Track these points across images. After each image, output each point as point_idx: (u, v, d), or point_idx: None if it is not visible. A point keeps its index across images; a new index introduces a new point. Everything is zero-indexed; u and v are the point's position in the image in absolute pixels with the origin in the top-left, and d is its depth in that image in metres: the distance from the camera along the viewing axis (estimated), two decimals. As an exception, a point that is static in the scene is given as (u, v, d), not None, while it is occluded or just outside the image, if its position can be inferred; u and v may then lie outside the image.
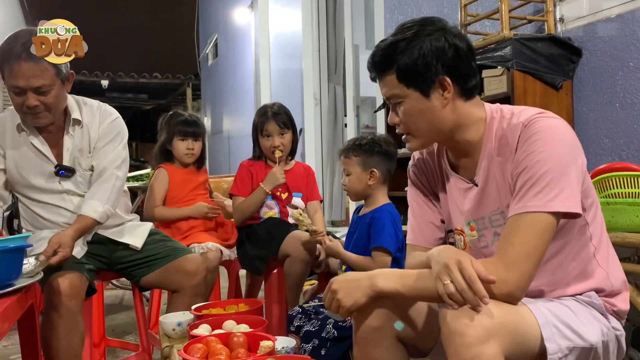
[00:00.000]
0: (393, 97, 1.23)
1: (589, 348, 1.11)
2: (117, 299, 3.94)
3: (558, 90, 2.49)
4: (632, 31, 2.31)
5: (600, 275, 1.22)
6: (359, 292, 1.18)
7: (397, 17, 3.94)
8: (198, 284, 2.02)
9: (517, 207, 1.11)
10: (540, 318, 1.08)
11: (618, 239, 1.70)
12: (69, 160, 1.95)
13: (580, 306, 1.17)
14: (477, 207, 1.25)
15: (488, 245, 1.26)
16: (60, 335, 1.70)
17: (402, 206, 3.30)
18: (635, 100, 2.31)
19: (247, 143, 2.63)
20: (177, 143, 2.65)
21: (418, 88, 1.19)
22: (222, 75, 9.17)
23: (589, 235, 1.21)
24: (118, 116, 2.05)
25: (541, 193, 1.09)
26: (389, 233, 1.91)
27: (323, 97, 5.21)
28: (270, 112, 2.46)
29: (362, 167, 1.98)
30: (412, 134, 1.26)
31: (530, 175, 1.11)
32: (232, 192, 2.50)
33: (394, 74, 1.20)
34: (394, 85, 1.21)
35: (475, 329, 1.00)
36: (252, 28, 6.98)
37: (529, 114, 1.18)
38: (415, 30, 1.19)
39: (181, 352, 1.32)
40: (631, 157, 2.31)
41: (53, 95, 1.79)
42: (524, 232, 1.09)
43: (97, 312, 2.40)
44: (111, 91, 11.12)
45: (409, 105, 1.21)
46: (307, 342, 1.75)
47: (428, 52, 1.17)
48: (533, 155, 1.12)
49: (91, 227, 1.89)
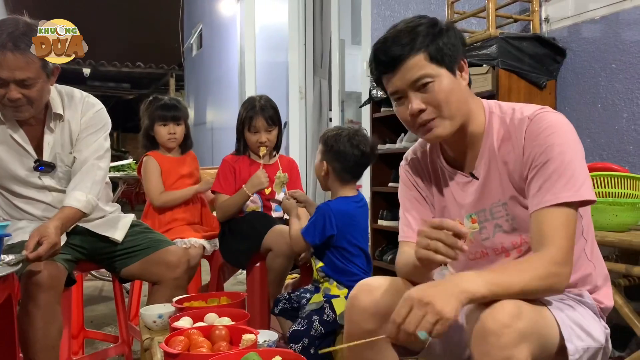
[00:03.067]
0: (422, 78, 1.19)
1: (599, 348, 1.13)
2: (96, 290, 3.90)
3: (542, 89, 2.52)
4: (616, 33, 2.34)
5: (588, 268, 1.24)
6: (454, 300, 1.01)
7: (383, 12, 3.94)
8: (179, 276, 2.01)
9: (546, 200, 1.12)
10: (560, 319, 1.09)
11: (598, 238, 1.71)
12: (50, 155, 1.91)
13: (580, 306, 1.19)
14: (478, 199, 1.26)
15: (489, 237, 1.26)
16: (37, 327, 1.68)
17: (385, 201, 3.33)
18: (616, 101, 2.35)
19: (231, 135, 2.60)
20: (158, 129, 2.62)
21: (449, 67, 1.20)
22: (206, 66, 9.09)
23: (582, 228, 1.23)
24: (101, 107, 2.01)
25: (569, 183, 1.11)
26: (314, 226, 1.96)
27: (308, 91, 5.19)
28: (259, 106, 2.41)
29: (320, 157, 2.01)
30: (442, 116, 1.21)
31: (555, 166, 1.13)
32: (215, 189, 2.46)
33: (425, 54, 1.18)
34: (424, 66, 1.18)
35: (511, 330, 0.99)
36: (237, 19, 6.93)
37: (532, 109, 1.21)
38: (431, 18, 1.22)
39: (162, 345, 1.31)
40: (612, 157, 2.35)
41: (37, 89, 1.74)
42: (562, 224, 1.10)
43: (76, 303, 2.37)
44: (93, 80, 10.95)
45: (442, 84, 1.19)
46: (296, 343, 1.76)
47: (452, 34, 1.21)
48: (552, 147, 1.14)
49: (75, 218, 1.84)
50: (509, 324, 0.99)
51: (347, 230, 1.97)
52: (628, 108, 2.30)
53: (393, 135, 3.23)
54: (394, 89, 1.22)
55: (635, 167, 2.25)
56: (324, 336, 1.74)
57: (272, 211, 2.47)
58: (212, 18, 8.62)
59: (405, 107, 1.22)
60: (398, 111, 1.26)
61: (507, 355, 0.98)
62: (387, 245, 3.26)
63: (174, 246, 2.10)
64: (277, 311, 2.00)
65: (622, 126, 2.33)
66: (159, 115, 2.61)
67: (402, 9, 3.72)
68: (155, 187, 2.59)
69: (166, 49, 10.85)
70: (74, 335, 2.37)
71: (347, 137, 1.95)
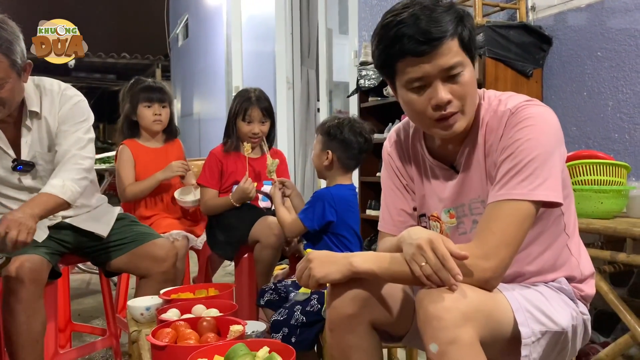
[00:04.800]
0: (455, 67, 1.11)
1: (560, 332, 1.13)
2: (83, 283, 3.87)
3: (528, 78, 2.52)
4: (601, 21, 2.35)
5: (572, 264, 1.24)
6: (334, 267, 1.17)
7: (371, 1, 3.92)
8: (167, 270, 1.98)
9: (499, 194, 1.10)
10: (514, 303, 1.10)
11: (583, 225, 1.74)
12: (28, 154, 1.85)
13: (551, 292, 1.19)
14: (458, 194, 1.24)
15: (466, 232, 1.25)
16: (19, 321, 1.65)
17: (372, 191, 3.34)
18: (602, 89, 2.36)
19: (218, 126, 2.57)
20: (142, 111, 2.49)
21: (473, 57, 1.15)
22: (192, 56, 9.01)
23: (563, 225, 1.22)
24: (80, 99, 1.92)
25: (525, 181, 1.08)
26: (313, 211, 1.98)
27: (296, 81, 5.16)
28: (254, 97, 2.38)
29: (321, 146, 2.01)
30: (463, 111, 1.15)
31: (515, 162, 1.10)
32: (200, 181, 2.43)
33: (459, 40, 1.11)
34: (458, 52, 1.11)
35: (452, 312, 1.00)
36: (224, 9, 6.86)
37: (516, 101, 1.16)
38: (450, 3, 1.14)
39: (149, 337, 1.30)
40: (597, 145, 2.36)
41: (7, 89, 1.67)
42: (504, 220, 1.08)
43: (62, 296, 2.35)
44: (78, 71, 10.81)
45: (468, 75, 1.13)
46: (276, 332, 1.75)
47: (472, 24, 1.15)
48: (519, 142, 1.10)
49: (50, 203, 1.72)
50: (449, 307, 1.00)
51: (346, 216, 2.00)
52: (613, 96, 2.32)
53: (381, 125, 3.23)
54: (420, 75, 1.11)
55: (620, 155, 2.27)
56: (307, 326, 1.73)
57: (259, 201, 2.46)
58: (198, 8, 8.53)
59: (425, 97, 1.13)
60: (414, 101, 1.15)
61: (451, 336, 0.99)
62: (374, 234, 3.27)
63: (162, 239, 2.06)
64: (263, 302, 1.99)
65: (607, 114, 2.34)
66: (144, 96, 2.48)
67: (389, -3, 3.70)
68: (123, 180, 2.47)
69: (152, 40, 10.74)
70: (61, 329, 2.35)
71: (349, 126, 1.98)
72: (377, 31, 1.15)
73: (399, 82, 1.16)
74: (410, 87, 1.14)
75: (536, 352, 1.09)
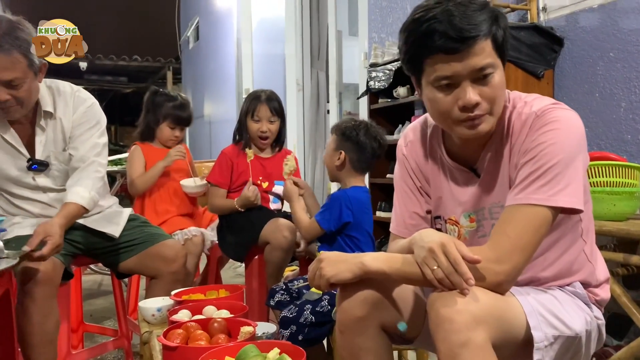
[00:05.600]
0: (487, 67, 1.08)
1: (574, 337, 1.12)
2: (95, 283, 3.90)
3: (540, 79, 2.51)
4: (614, 22, 2.33)
5: (589, 269, 1.23)
6: (345, 266, 1.17)
7: (380, 3, 3.92)
8: (177, 270, 2.00)
9: (518, 197, 1.08)
10: (527, 307, 1.08)
11: (596, 228, 1.71)
12: (43, 154, 1.88)
13: (565, 296, 1.18)
14: (478, 198, 1.21)
15: (486, 235, 1.22)
16: (34, 321, 1.67)
17: (383, 193, 3.33)
18: (614, 90, 2.34)
19: (228, 128, 2.60)
20: (165, 129, 2.62)
21: (504, 60, 1.12)
22: (203, 58, 9.05)
23: (580, 231, 1.21)
24: (93, 102, 1.97)
25: (546, 186, 1.06)
26: (330, 212, 2.00)
27: (306, 83, 5.17)
28: (264, 96, 2.43)
29: (334, 146, 2.03)
30: (492, 113, 1.12)
31: (537, 166, 1.07)
32: (210, 179, 2.47)
33: (492, 40, 1.08)
34: (490, 53, 1.08)
35: (464, 315, 0.99)
36: (234, 11, 6.88)
37: (542, 103, 1.14)
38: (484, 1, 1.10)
39: (160, 338, 1.31)
40: (609, 146, 2.34)
41: (25, 88, 1.71)
42: (521, 224, 1.06)
43: (75, 297, 2.37)
44: (90, 73, 10.89)
45: (500, 77, 1.10)
46: (285, 329, 1.76)
47: (506, 25, 1.12)
48: (542, 145, 1.08)
49: (78, 214, 1.82)
50: (461, 310, 1.00)
51: (361, 218, 2.02)
52: (626, 97, 2.30)
53: (391, 127, 3.23)
54: (450, 74, 1.08)
55: (633, 156, 2.25)
56: (315, 325, 1.73)
57: (269, 203, 2.47)
58: (209, 10, 8.57)
59: (453, 96, 1.10)
60: (440, 100, 1.12)
61: (463, 339, 0.98)
62: (385, 236, 3.26)
63: (171, 240, 2.09)
64: (274, 303, 2.00)
65: (620, 115, 2.32)
66: (171, 118, 2.60)
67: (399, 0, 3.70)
68: (132, 173, 2.59)
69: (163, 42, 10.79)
70: (74, 329, 2.37)
71: (365, 129, 2.01)
72: (407, 25, 1.12)
73: (425, 79, 1.13)
74: (437, 85, 1.11)
75: (549, 356, 1.08)
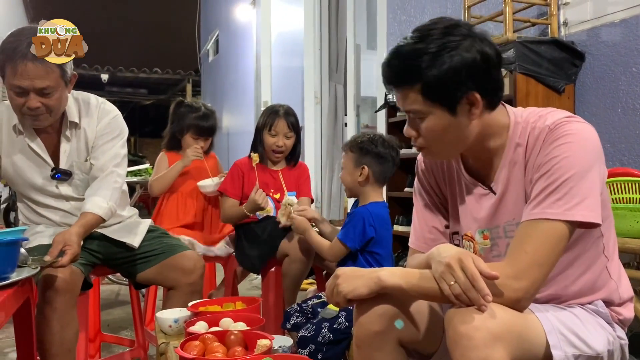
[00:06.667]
0: (414, 112, 1.15)
1: (595, 356, 1.10)
2: (112, 294, 3.92)
3: (560, 94, 2.48)
4: (636, 36, 2.31)
5: (611, 287, 1.21)
6: (361, 282, 1.16)
7: (399, 17, 3.93)
8: (195, 281, 2.00)
9: (534, 212, 1.07)
10: (547, 325, 1.07)
11: (618, 245, 1.70)
12: (66, 163, 1.92)
13: (587, 314, 1.16)
14: (493, 215, 1.21)
15: (500, 255, 1.22)
16: (53, 330, 1.69)
17: (400, 207, 3.31)
18: (637, 105, 2.31)
19: (246, 140, 2.61)
20: (188, 139, 2.67)
21: (445, 105, 1.11)
22: (222, 71, 9.14)
23: (602, 247, 1.19)
24: (117, 114, 2.01)
25: (561, 200, 1.05)
26: (354, 230, 1.98)
27: (324, 96, 5.19)
28: (282, 111, 2.45)
29: (354, 163, 2.02)
30: (432, 150, 1.20)
31: (551, 180, 1.07)
32: (221, 189, 2.49)
33: (419, 89, 1.11)
34: (417, 101, 1.12)
35: (482, 332, 0.98)
36: (253, 25, 6.96)
37: (555, 117, 1.13)
38: (442, 41, 1.08)
39: (178, 349, 1.31)
40: (632, 162, 2.31)
41: (56, 97, 1.75)
42: (538, 239, 1.05)
43: (93, 307, 2.39)
44: (111, 85, 11.09)
45: (432, 122, 1.14)
46: (303, 348, 1.75)
47: (459, 67, 1.08)
48: (556, 159, 1.07)
49: (96, 224, 1.84)
50: (479, 326, 0.99)
51: (382, 234, 2.01)
52: (649, 112, 2.26)
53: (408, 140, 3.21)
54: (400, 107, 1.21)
55: (656, 173, 2.21)
56: (333, 343, 1.72)
57: None
58: (229, 24, 8.68)
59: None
60: None
61: (482, 356, 0.98)
62: (402, 250, 3.23)
63: (190, 251, 2.09)
64: (289, 326, 1.95)
65: (643, 131, 2.29)
66: (195, 129, 2.64)
67: (418, 13, 3.71)
68: (152, 177, 2.66)
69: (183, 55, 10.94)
70: (91, 339, 2.39)
71: (381, 140, 2.02)
72: None
73: None
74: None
75: None
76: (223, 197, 2.48)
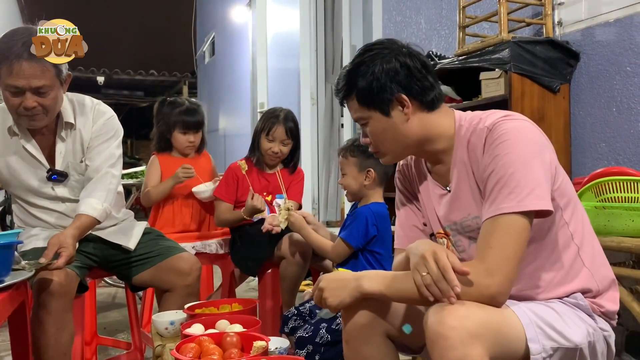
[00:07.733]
0: (359, 120, 1.30)
1: (574, 348, 1.12)
2: (109, 296, 3.91)
3: (555, 93, 2.49)
4: (630, 36, 2.31)
5: (585, 275, 1.22)
6: (345, 292, 1.22)
7: (395, 17, 3.94)
8: (191, 283, 2.00)
9: (490, 210, 1.13)
10: (524, 319, 1.10)
11: (614, 244, 1.70)
12: (62, 164, 1.91)
13: (565, 307, 1.18)
14: (449, 212, 1.29)
15: (465, 250, 1.28)
16: (48, 333, 1.68)
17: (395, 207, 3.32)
18: (632, 104, 2.31)
19: (243, 142, 2.61)
20: (177, 136, 2.61)
21: (378, 108, 1.26)
22: (218, 73, 9.14)
23: (569, 235, 1.22)
24: (112, 115, 2.00)
25: (512, 194, 1.10)
26: (357, 229, 1.99)
27: (320, 97, 5.19)
28: (282, 116, 2.42)
29: (358, 168, 2.00)
30: (381, 152, 1.33)
31: (498, 177, 1.13)
32: (216, 194, 2.48)
33: (355, 98, 1.28)
34: (357, 109, 1.29)
35: (458, 331, 1.01)
36: (249, 26, 6.96)
37: (493, 117, 1.21)
38: (369, 55, 1.26)
39: (174, 352, 1.31)
40: (627, 161, 2.31)
41: (52, 97, 1.75)
42: (500, 234, 1.10)
43: (89, 309, 2.38)
44: (107, 88, 11.06)
45: (373, 126, 1.28)
46: (300, 349, 1.74)
47: (380, 74, 1.24)
48: (498, 157, 1.14)
49: (91, 226, 1.84)
50: (455, 326, 1.01)
51: (384, 233, 2.01)
52: (644, 111, 2.27)
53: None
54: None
55: (651, 172, 2.21)
56: (331, 344, 1.72)
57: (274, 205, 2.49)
58: (225, 26, 8.68)
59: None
60: None
61: (459, 355, 1.00)
62: (399, 251, 3.24)
63: (186, 253, 2.08)
64: (288, 330, 1.95)
65: (637, 129, 2.29)
66: (180, 123, 2.59)
67: (413, 14, 3.71)
68: (147, 184, 2.61)
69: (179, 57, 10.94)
70: (87, 342, 2.38)
71: None
72: None
73: None
74: None
75: None
76: (217, 202, 2.46)
